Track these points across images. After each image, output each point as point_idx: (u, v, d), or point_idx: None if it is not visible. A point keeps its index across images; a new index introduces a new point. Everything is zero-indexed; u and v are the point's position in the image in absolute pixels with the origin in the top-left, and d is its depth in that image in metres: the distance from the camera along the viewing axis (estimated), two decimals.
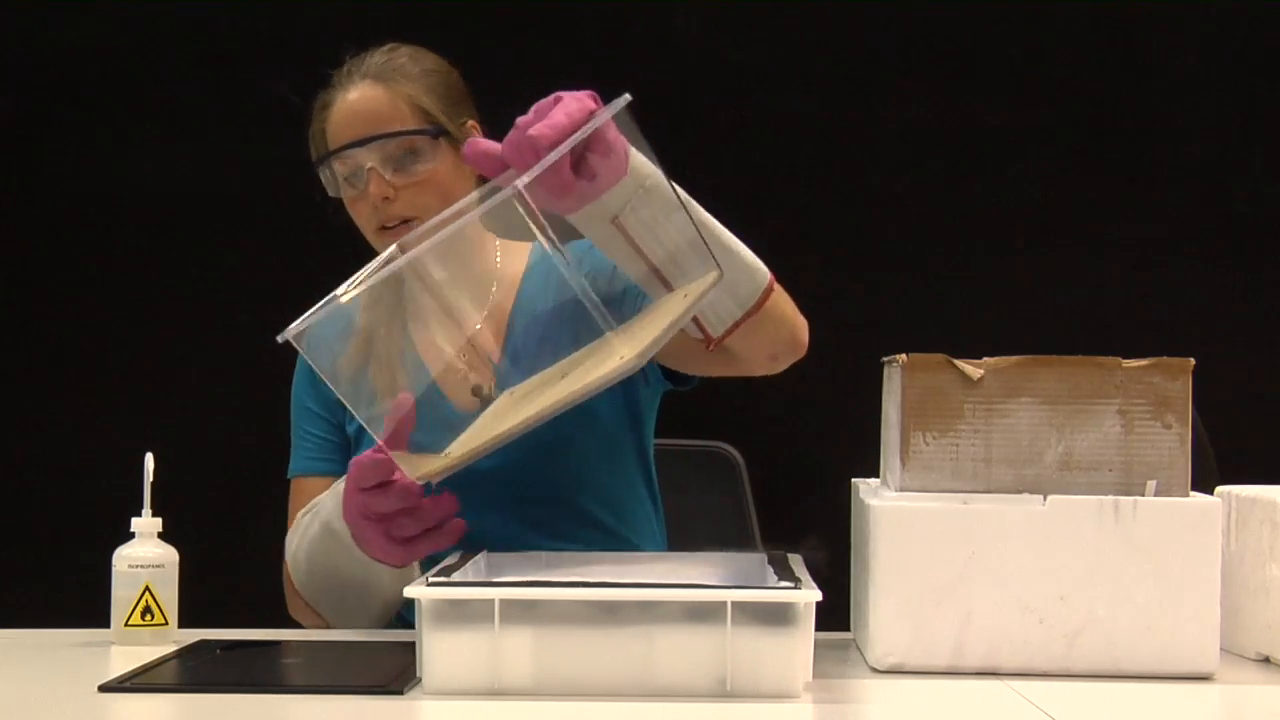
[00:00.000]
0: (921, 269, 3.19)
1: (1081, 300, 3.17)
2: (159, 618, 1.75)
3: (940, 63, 3.22)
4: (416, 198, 1.96)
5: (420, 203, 1.96)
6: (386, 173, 1.96)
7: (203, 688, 1.54)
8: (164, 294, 3.21)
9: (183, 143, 3.22)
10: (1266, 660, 1.72)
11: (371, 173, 1.95)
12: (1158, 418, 1.66)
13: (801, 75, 3.22)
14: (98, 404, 3.22)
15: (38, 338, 3.23)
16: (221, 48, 3.23)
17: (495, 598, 1.48)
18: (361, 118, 1.97)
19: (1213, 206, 3.21)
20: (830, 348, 2.15)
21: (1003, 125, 3.21)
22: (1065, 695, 1.54)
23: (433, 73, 2.03)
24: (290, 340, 1.67)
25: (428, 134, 1.98)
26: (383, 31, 3.23)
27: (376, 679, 1.54)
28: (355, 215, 2.01)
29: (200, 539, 1.91)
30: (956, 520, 1.63)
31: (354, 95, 1.99)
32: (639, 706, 1.45)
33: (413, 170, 1.97)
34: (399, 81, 1.99)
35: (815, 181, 3.22)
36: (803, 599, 1.47)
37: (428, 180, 1.97)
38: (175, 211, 3.22)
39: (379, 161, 1.96)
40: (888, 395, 1.75)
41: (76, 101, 3.24)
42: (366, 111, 1.97)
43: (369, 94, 1.98)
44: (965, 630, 1.62)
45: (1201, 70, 3.21)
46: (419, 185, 1.96)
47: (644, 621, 1.47)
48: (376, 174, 1.95)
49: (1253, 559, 1.74)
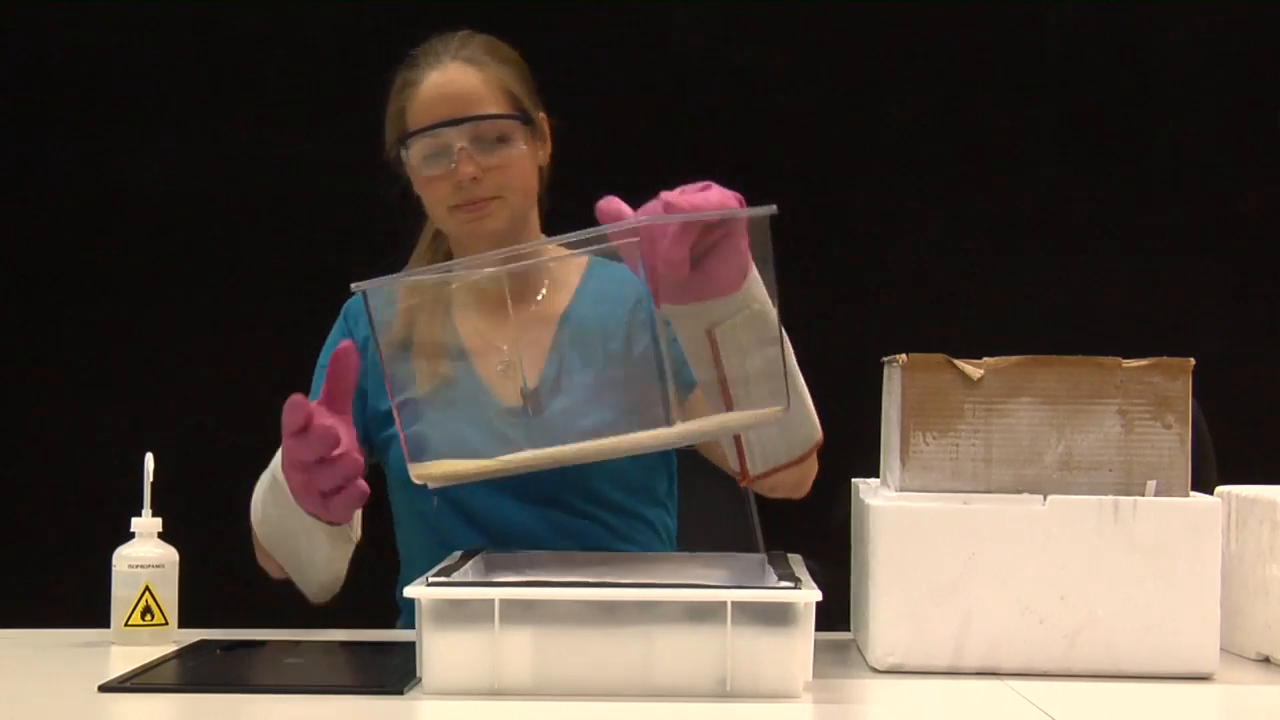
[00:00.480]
0: (921, 269, 3.19)
1: (1081, 300, 3.17)
2: (159, 618, 1.75)
3: (940, 63, 3.22)
4: (501, 179, 1.98)
5: (504, 184, 1.98)
6: (476, 154, 1.97)
7: (203, 688, 1.54)
8: (164, 294, 3.20)
9: (183, 143, 3.22)
10: (1266, 660, 1.72)
11: (462, 152, 1.96)
12: (1158, 418, 1.66)
13: (801, 75, 3.22)
14: (98, 404, 3.22)
15: (37, 338, 3.23)
16: (221, 48, 3.23)
17: (495, 598, 1.48)
18: (453, 98, 1.98)
19: (1213, 206, 3.21)
20: (830, 348, 2.15)
21: (1003, 125, 3.21)
22: (1065, 695, 1.54)
23: (515, 60, 2.05)
24: (364, 293, 1.67)
25: (518, 119, 2.00)
26: (382, 31, 3.23)
27: (376, 679, 1.54)
28: (429, 193, 2.01)
29: (200, 539, 1.91)
30: (956, 520, 1.63)
31: (446, 76, 1.99)
32: (639, 706, 1.45)
33: (500, 153, 1.98)
34: (490, 65, 2.01)
35: (815, 181, 3.21)
36: (803, 599, 1.47)
37: (512, 164, 1.99)
38: (175, 211, 3.22)
39: (469, 142, 1.97)
40: (888, 395, 1.75)
41: (76, 101, 3.23)
42: (459, 92, 1.98)
43: (461, 75, 1.99)
44: (965, 630, 1.62)
45: (1201, 70, 3.21)
46: (504, 168, 1.98)
47: (644, 621, 1.48)
48: (467, 153, 1.96)
49: (1253, 559, 1.74)
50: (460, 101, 1.98)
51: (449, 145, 1.97)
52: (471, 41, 2.04)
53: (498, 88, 2.00)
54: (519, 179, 2.00)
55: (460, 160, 1.96)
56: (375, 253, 3.35)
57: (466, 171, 1.96)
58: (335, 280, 2.99)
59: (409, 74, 2.02)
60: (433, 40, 2.04)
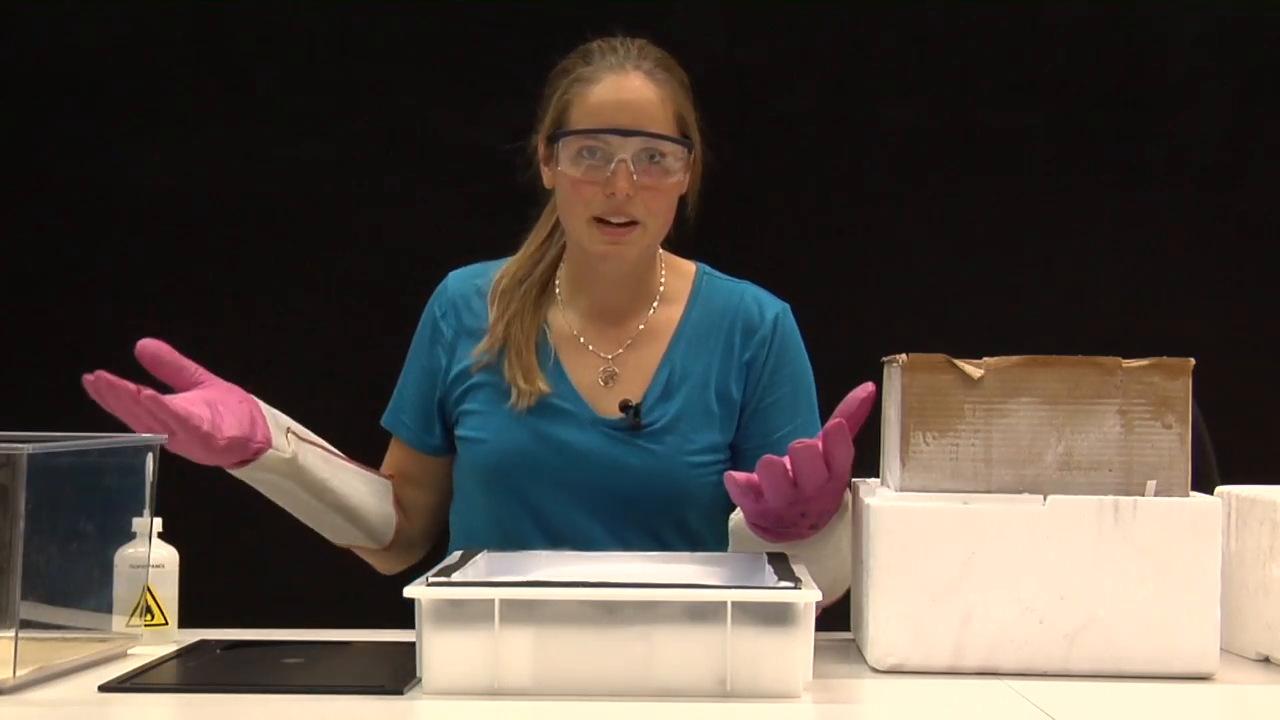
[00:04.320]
0: (921, 269, 3.19)
1: (1081, 300, 3.17)
2: (159, 618, 1.75)
3: (940, 63, 3.22)
4: (650, 202, 1.94)
5: (652, 208, 1.95)
6: (635, 170, 1.93)
7: (203, 688, 1.54)
8: (163, 293, 3.20)
9: (182, 142, 3.22)
10: (1266, 660, 1.72)
11: (622, 165, 1.91)
12: (1158, 418, 1.66)
13: (801, 75, 3.22)
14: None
15: (37, 337, 3.22)
16: (221, 48, 3.23)
17: (495, 598, 1.48)
18: (629, 108, 1.93)
19: (1213, 206, 3.21)
20: (830, 348, 2.15)
21: (1003, 125, 3.21)
22: (1065, 695, 1.54)
23: (685, 84, 2.01)
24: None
25: (685, 145, 1.96)
26: (382, 31, 3.24)
27: (376, 679, 1.54)
28: (574, 194, 1.95)
29: (200, 539, 1.91)
30: (956, 520, 1.63)
31: (625, 83, 1.94)
32: (639, 706, 1.45)
33: (655, 175, 1.94)
34: (668, 85, 1.97)
35: (815, 181, 3.21)
36: (803, 599, 1.47)
37: (664, 189, 1.95)
38: (175, 211, 3.21)
39: (632, 156, 1.93)
40: (888, 395, 1.75)
41: (76, 101, 3.23)
42: (636, 103, 1.93)
43: (641, 86, 1.95)
44: (965, 630, 1.62)
45: (1201, 70, 3.21)
46: (656, 191, 1.94)
47: (644, 621, 1.48)
48: (627, 168, 1.92)
49: (1253, 559, 1.74)
50: (635, 112, 1.93)
51: (611, 154, 1.92)
52: (651, 53, 1.99)
53: (671, 107, 1.96)
54: (665, 206, 1.96)
55: (618, 172, 1.91)
56: (375, 252, 3.36)
57: (622, 186, 1.91)
58: (335, 280, 3.00)
59: (585, 69, 1.97)
60: (611, 40, 2.00)
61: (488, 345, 2.02)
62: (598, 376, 2.02)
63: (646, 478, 1.97)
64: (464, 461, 2.05)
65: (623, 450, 1.98)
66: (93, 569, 1.69)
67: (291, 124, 3.20)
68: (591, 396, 2.01)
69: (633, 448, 1.98)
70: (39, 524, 1.55)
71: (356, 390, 2.17)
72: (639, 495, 1.98)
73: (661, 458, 1.98)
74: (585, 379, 2.02)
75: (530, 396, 1.98)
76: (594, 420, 1.99)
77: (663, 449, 1.98)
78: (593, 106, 1.94)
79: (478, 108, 3.08)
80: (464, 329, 2.06)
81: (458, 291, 2.09)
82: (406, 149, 3.19)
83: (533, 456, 1.98)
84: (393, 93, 3.18)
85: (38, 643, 1.56)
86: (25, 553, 1.51)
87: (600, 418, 1.99)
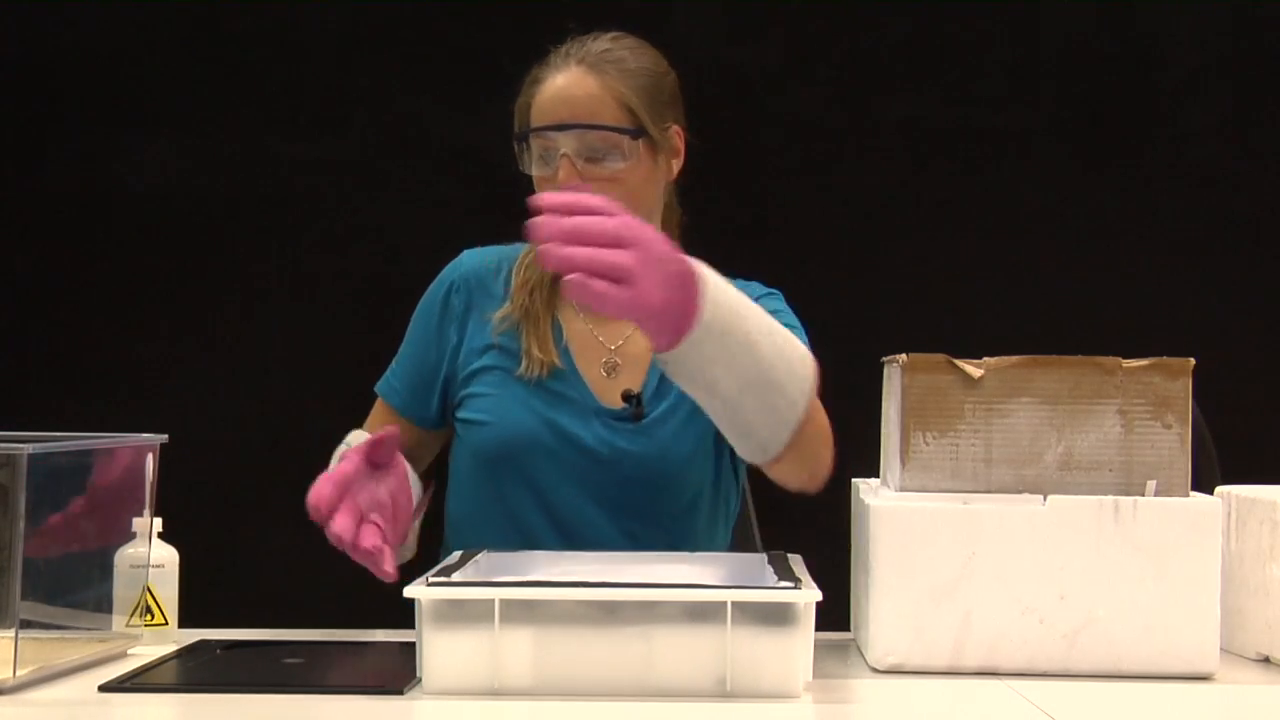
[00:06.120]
0: (921, 269, 3.19)
1: (1081, 300, 3.17)
2: (159, 618, 1.75)
3: (941, 63, 3.22)
4: (604, 193, 1.94)
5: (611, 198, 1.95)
6: (579, 162, 1.94)
7: (203, 688, 1.54)
8: (163, 293, 3.20)
9: (182, 142, 3.22)
10: (1266, 660, 1.72)
11: (564, 159, 1.94)
12: (1158, 418, 1.66)
13: (801, 75, 3.22)
14: (97, 404, 3.21)
15: (37, 337, 3.23)
16: (221, 48, 3.23)
17: (495, 598, 1.48)
18: (567, 103, 1.95)
19: (1213, 206, 3.21)
20: (830, 348, 2.15)
21: (1003, 125, 3.21)
22: (1065, 695, 1.54)
23: (647, 72, 2.01)
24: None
25: (627, 133, 1.96)
26: (381, 31, 3.24)
27: (376, 679, 1.54)
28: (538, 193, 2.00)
29: (200, 539, 1.91)
30: (956, 520, 1.63)
31: (564, 79, 1.97)
32: (639, 706, 1.45)
33: (606, 166, 1.95)
34: (611, 74, 1.98)
35: (815, 181, 3.21)
36: (803, 599, 1.47)
37: (619, 178, 1.95)
38: (176, 211, 3.22)
39: (574, 150, 1.95)
40: (888, 395, 1.75)
41: (76, 101, 3.23)
42: (573, 98, 1.95)
43: (579, 81, 1.97)
44: (965, 630, 1.62)
45: (1201, 70, 3.21)
46: (609, 181, 1.94)
47: (644, 621, 1.48)
48: (569, 161, 1.94)
49: (1253, 559, 1.74)
50: (572, 107, 1.95)
51: (555, 150, 1.95)
52: (610, 46, 2.00)
53: (614, 98, 1.96)
54: (626, 194, 1.91)
55: (561, 166, 1.94)
56: (376, 252, 3.35)
57: (564, 179, 1.93)
58: (335, 280, 2.99)
59: (539, 70, 2.00)
60: (575, 39, 2.01)
61: (508, 311, 2.04)
62: (601, 367, 2.04)
63: (645, 465, 1.99)
64: (465, 445, 2.06)
65: (623, 438, 2.00)
66: (93, 569, 1.69)
67: (291, 124, 3.21)
68: (597, 387, 2.03)
69: (633, 436, 2.00)
70: (39, 524, 1.54)
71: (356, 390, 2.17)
72: (638, 481, 2.00)
73: (660, 445, 2.00)
74: (591, 369, 2.04)
75: (542, 366, 2.00)
76: (597, 410, 2.01)
77: (660, 437, 2.00)
78: (539, 106, 1.98)
79: (478, 108, 3.08)
80: (475, 305, 2.07)
81: (472, 268, 2.10)
82: (406, 149, 3.19)
83: (536, 440, 2.00)
84: (392, 93, 3.18)
85: (38, 642, 1.56)
86: (25, 552, 1.51)
87: (604, 408, 2.01)
